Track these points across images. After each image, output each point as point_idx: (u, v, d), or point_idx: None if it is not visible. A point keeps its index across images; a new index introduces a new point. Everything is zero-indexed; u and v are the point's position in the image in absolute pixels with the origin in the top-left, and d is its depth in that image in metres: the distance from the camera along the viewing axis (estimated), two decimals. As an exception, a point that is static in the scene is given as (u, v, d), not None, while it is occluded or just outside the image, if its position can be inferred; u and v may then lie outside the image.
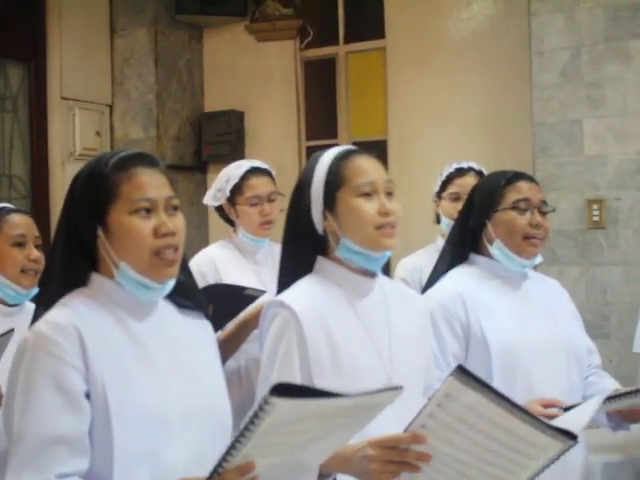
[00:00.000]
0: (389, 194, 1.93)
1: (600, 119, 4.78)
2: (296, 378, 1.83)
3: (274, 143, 6.10)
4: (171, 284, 1.67)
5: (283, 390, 1.30)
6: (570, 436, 1.55)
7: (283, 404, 1.30)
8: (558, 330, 2.35)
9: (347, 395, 1.38)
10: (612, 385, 2.36)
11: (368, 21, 5.98)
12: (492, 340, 2.25)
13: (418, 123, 5.71)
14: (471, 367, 1.88)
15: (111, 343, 1.59)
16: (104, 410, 1.52)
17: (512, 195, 2.34)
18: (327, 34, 6.16)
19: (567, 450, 1.56)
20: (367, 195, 1.91)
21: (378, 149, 5.78)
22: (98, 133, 6.12)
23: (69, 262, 1.65)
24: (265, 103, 6.22)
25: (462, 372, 1.49)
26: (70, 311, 1.60)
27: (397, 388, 1.48)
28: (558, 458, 1.58)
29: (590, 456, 2.77)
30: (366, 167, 1.94)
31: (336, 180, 1.93)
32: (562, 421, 1.79)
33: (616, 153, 4.76)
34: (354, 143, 5.73)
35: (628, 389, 2.15)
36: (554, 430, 1.53)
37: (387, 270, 2.11)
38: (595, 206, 4.79)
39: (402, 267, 3.37)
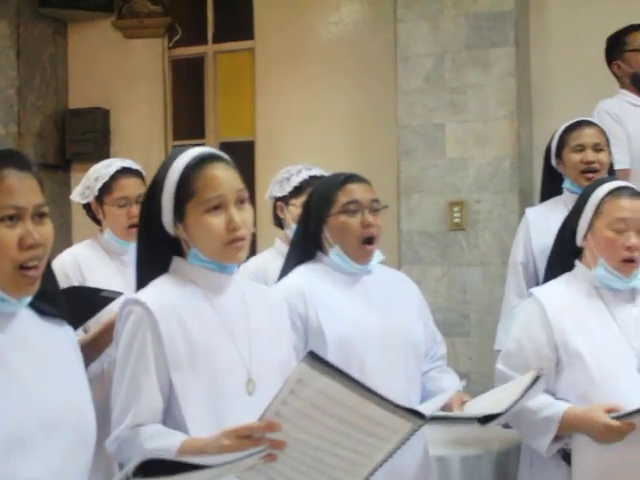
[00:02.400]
0: (241, 202, 1.92)
1: (462, 124, 4.88)
2: (151, 375, 1.84)
3: (140, 142, 5.98)
4: (29, 298, 1.56)
5: (149, 467, 1.30)
6: (419, 415, 1.59)
7: None
8: (397, 323, 2.40)
9: (212, 466, 1.41)
10: (450, 384, 2.41)
11: (237, 21, 5.97)
12: (329, 333, 2.30)
13: (286, 124, 5.70)
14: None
15: None
16: None
17: (342, 198, 2.39)
18: (196, 33, 6.12)
19: (416, 430, 1.61)
20: (217, 208, 1.90)
21: (245, 150, 5.81)
22: (-45, 128, 5.88)
23: None
24: (131, 101, 6.12)
25: (313, 357, 1.52)
26: None
27: (262, 451, 1.54)
28: (408, 438, 1.62)
29: (448, 450, 2.89)
30: (217, 178, 1.91)
31: (186, 192, 1.91)
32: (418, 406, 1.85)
33: (476, 157, 4.86)
34: (222, 144, 5.84)
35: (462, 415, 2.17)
36: (403, 410, 1.57)
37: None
38: (456, 208, 4.86)
39: (245, 270, 3.18)
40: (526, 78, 4.98)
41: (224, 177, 1.92)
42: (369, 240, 2.38)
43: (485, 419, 2.02)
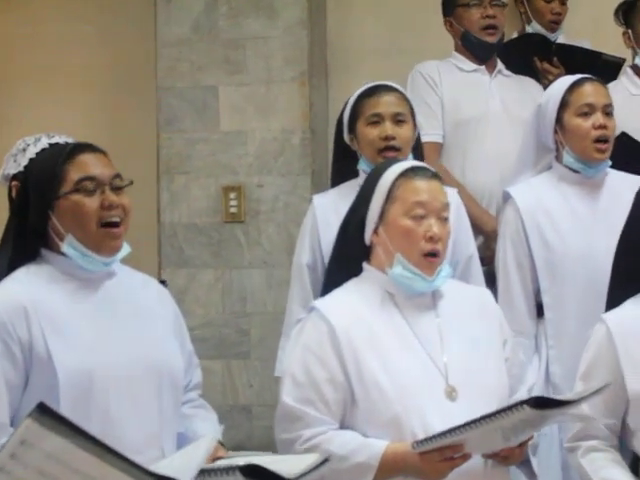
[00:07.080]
0: None
1: (239, 87, 4.58)
2: None
3: None
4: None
5: None
6: None
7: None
8: (149, 347, 2.27)
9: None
10: (203, 427, 2.33)
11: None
12: (60, 362, 2.13)
13: (6, 82, 5.15)
14: (34, 399, 1.88)
15: None
16: None
17: (74, 174, 2.24)
18: None
19: None
20: None
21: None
22: None
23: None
24: None
25: (43, 411, 1.48)
26: None
27: None
28: None
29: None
30: None
31: None
32: (171, 465, 1.83)
33: (258, 129, 4.57)
34: None
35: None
36: (157, 478, 1.59)
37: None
38: (232, 194, 4.57)
39: None
40: (321, 30, 4.70)
41: None
42: (113, 225, 2.25)
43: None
